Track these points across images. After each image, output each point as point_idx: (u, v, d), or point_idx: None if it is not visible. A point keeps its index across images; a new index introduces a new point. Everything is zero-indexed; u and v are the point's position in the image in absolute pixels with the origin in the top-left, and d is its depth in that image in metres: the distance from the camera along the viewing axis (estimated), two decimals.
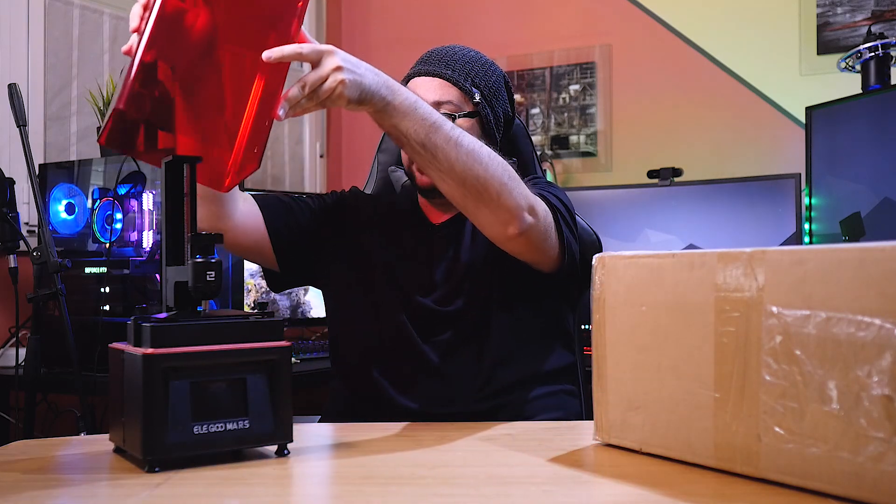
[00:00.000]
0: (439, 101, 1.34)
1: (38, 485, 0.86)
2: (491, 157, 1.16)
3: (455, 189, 1.16)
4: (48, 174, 2.23)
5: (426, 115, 1.12)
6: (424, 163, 1.15)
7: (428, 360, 1.30)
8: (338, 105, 1.05)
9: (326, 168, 3.57)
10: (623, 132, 3.15)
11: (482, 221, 1.21)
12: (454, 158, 1.13)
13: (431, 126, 1.12)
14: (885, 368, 0.68)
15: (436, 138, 1.12)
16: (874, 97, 2.37)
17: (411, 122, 1.11)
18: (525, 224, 1.19)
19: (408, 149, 1.14)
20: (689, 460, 0.86)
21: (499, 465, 0.93)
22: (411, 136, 1.12)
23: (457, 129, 1.15)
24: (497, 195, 1.16)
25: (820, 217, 2.49)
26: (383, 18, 3.60)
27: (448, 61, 1.36)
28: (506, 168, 1.18)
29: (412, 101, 1.11)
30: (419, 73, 1.37)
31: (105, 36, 2.62)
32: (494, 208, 1.17)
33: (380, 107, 1.09)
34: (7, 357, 2.16)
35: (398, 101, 1.10)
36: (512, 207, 1.17)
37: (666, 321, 0.88)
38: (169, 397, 0.87)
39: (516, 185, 1.18)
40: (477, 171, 1.14)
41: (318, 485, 0.88)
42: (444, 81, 1.35)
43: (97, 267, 2.08)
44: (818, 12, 2.84)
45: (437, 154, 1.13)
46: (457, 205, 1.21)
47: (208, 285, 0.92)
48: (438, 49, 1.40)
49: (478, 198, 1.16)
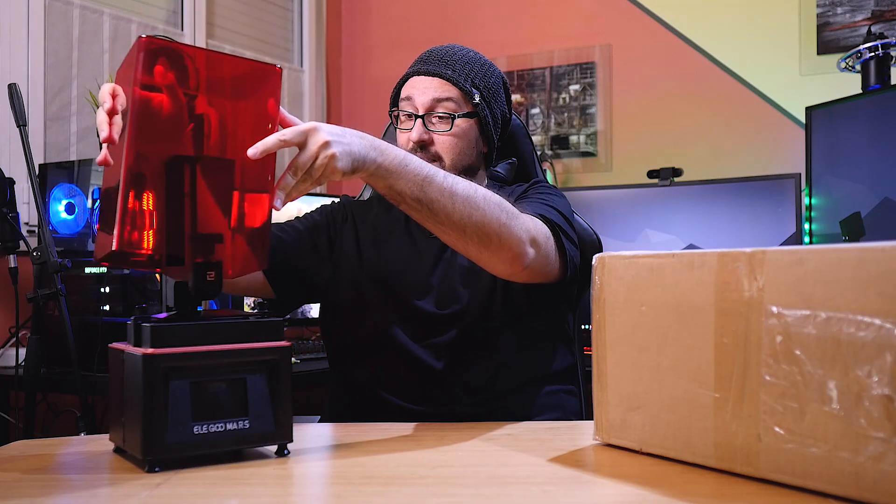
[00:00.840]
0: (438, 99, 1.34)
1: (38, 485, 0.86)
2: (487, 198, 1.14)
3: (456, 238, 1.15)
4: (48, 174, 2.23)
5: (417, 169, 1.09)
6: (423, 218, 1.13)
7: (427, 364, 1.29)
8: (333, 179, 1.02)
9: None
10: (623, 132, 3.15)
11: (485, 263, 1.20)
12: (451, 209, 1.11)
13: (424, 180, 1.09)
14: (885, 368, 0.68)
15: (430, 192, 1.10)
16: (874, 97, 2.37)
17: (405, 181, 1.08)
18: (528, 259, 1.18)
19: (405, 207, 1.12)
20: (689, 460, 0.86)
21: (499, 465, 0.93)
22: (406, 194, 1.09)
23: (449, 176, 1.13)
24: (497, 237, 1.14)
25: (820, 217, 2.49)
26: (383, 18, 3.60)
27: (448, 61, 1.36)
28: (502, 206, 1.16)
29: (401, 157, 1.09)
30: (418, 73, 1.37)
31: (105, 36, 2.62)
32: (496, 250, 1.16)
33: (372, 170, 1.06)
34: (7, 357, 2.16)
35: (388, 161, 1.07)
36: (514, 246, 1.16)
37: (666, 321, 0.88)
38: (169, 397, 0.87)
39: (514, 220, 1.16)
40: (475, 217, 1.12)
41: (318, 485, 0.88)
42: (443, 81, 1.35)
43: (97, 267, 2.08)
44: (818, 12, 2.84)
45: (433, 208, 1.10)
46: (459, 251, 1.19)
47: (208, 285, 0.92)
48: (438, 48, 1.40)
49: (479, 243, 1.14)
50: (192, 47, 0.96)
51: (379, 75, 3.58)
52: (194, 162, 0.93)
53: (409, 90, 1.37)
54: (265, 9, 3.36)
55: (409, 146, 1.34)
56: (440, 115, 1.34)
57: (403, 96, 1.37)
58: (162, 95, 0.91)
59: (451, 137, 1.35)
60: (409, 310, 1.32)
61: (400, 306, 1.32)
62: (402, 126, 1.38)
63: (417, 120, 1.34)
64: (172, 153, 0.92)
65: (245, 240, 0.97)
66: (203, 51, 0.95)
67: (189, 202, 0.92)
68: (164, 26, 2.87)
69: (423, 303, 1.32)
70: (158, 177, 0.91)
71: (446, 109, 1.34)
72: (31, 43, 2.37)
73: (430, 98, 1.34)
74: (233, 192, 0.96)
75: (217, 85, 0.95)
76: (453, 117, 1.35)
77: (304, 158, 0.99)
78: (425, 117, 1.34)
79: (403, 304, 1.32)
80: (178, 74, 0.91)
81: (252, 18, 3.29)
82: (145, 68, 0.89)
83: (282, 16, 3.45)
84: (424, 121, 1.34)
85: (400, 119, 1.38)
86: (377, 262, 1.36)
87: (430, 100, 1.34)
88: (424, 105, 1.34)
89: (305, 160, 0.99)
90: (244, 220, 0.97)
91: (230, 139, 0.96)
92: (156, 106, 0.90)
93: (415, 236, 1.39)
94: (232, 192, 0.96)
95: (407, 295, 1.33)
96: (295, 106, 3.44)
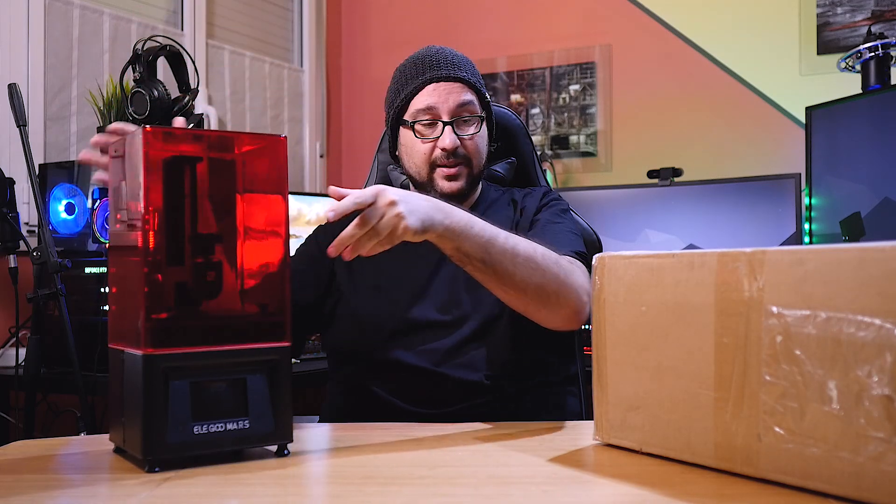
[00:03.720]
0: (463, 103, 1.34)
1: (38, 485, 0.86)
2: (545, 256, 1.15)
3: (517, 299, 1.16)
4: (48, 174, 2.23)
5: (481, 230, 1.11)
6: (486, 279, 1.14)
7: (429, 368, 1.28)
8: (404, 238, 1.04)
9: (326, 168, 3.57)
10: (623, 132, 3.15)
11: (543, 320, 1.20)
12: (512, 270, 1.12)
13: (488, 241, 1.11)
14: (885, 368, 0.68)
15: (494, 252, 1.11)
16: (874, 97, 2.37)
17: (470, 242, 1.10)
18: (585, 312, 1.19)
19: (470, 268, 1.13)
20: (689, 460, 0.86)
21: (499, 465, 0.93)
22: (472, 255, 1.10)
23: (511, 237, 1.14)
24: (556, 295, 1.15)
25: (820, 217, 2.49)
26: (383, 18, 3.60)
27: (457, 63, 1.36)
28: (559, 263, 1.17)
29: (466, 219, 1.10)
30: (438, 79, 1.34)
31: (105, 36, 2.62)
32: (555, 308, 1.17)
33: (440, 231, 1.07)
34: (7, 357, 2.16)
35: (455, 223, 1.09)
36: (571, 303, 1.17)
37: (666, 321, 0.88)
38: (169, 397, 0.87)
39: (570, 276, 1.17)
40: (535, 277, 1.13)
41: (318, 485, 0.88)
42: (462, 84, 1.35)
43: (97, 267, 2.08)
44: (818, 12, 2.84)
45: (496, 269, 1.12)
46: (517, 310, 1.20)
47: (208, 285, 0.92)
48: (433, 53, 1.38)
49: (539, 302, 1.16)
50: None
51: (379, 75, 3.58)
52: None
53: (428, 99, 1.34)
54: (265, 9, 3.36)
55: (439, 154, 1.33)
56: (466, 119, 1.34)
57: (422, 106, 1.34)
58: None
59: (478, 139, 1.36)
60: (409, 315, 1.31)
61: (400, 311, 1.32)
62: (424, 136, 1.35)
63: (446, 127, 1.33)
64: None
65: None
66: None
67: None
68: (164, 26, 2.87)
69: (425, 308, 1.31)
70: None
71: (470, 112, 1.34)
72: (31, 43, 2.37)
73: (456, 103, 1.33)
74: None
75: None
76: (482, 118, 1.36)
77: (371, 212, 1.01)
78: (454, 123, 1.33)
79: (403, 309, 1.32)
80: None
81: (252, 18, 3.29)
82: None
83: (282, 16, 3.45)
84: (453, 126, 1.33)
85: (417, 129, 1.35)
86: (376, 269, 1.35)
87: (456, 105, 1.33)
88: (451, 111, 1.33)
89: (373, 214, 1.01)
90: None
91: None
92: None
93: (416, 243, 1.38)
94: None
95: (407, 300, 1.32)
96: (295, 106, 3.44)
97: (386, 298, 1.33)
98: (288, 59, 3.47)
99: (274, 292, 0.95)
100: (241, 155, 0.95)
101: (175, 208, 0.91)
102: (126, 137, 0.94)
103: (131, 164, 0.91)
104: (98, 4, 2.61)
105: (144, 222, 0.88)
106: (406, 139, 1.38)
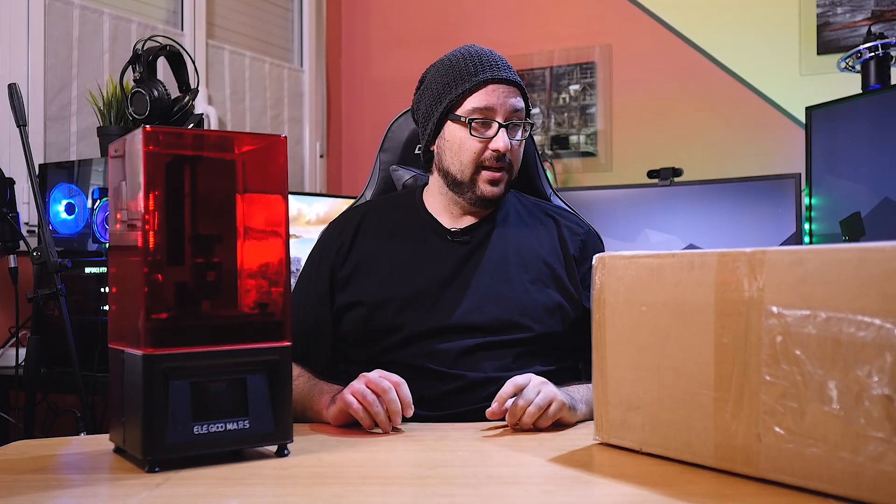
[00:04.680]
0: (516, 109, 1.33)
1: (38, 485, 0.86)
2: None
3: None
4: (48, 174, 2.23)
5: (588, 405, 1.18)
6: None
7: (432, 370, 1.27)
8: (558, 417, 1.11)
9: (326, 168, 3.57)
10: (623, 132, 3.15)
11: None
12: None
13: (585, 415, 1.18)
14: (885, 368, 0.68)
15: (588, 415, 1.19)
16: (874, 97, 2.37)
17: (583, 418, 1.18)
18: None
19: None
20: (689, 460, 0.86)
21: (499, 465, 0.93)
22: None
23: (586, 396, 1.20)
24: None
25: (820, 217, 2.49)
26: (383, 18, 3.60)
27: (511, 68, 1.36)
28: None
29: (588, 398, 1.18)
30: (498, 80, 1.32)
31: (105, 36, 2.62)
32: None
33: (580, 415, 1.16)
34: (7, 357, 2.16)
35: (581, 406, 1.17)
36: None
37: (666, 321, 0.88)
38: (169, 397, 0.87)
39: None
40: None
41: (318, 485, 0.88)
42: (516, 89, 1.34)
43: (97, 267, 2.08)
44: (818, 12, 2.84)
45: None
46: None
47: (208, 285, 0.92)
48: (490, 53, 1.36)
49: None
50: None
51: (379, 75, 3.58)
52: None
53: (487, 98, 1.31)
54: (265, 9, 3.36)
55: (489, 155, 1.32)
56: (516, 124, 1.33)
57: (480, 105, 1.31)
58: None
59: (521, 148, 1.36)
60: (421, 320, 1.29)
61: (411, 316, 1.30)
62: (479, 134, 1.32)
63: (501, 129, 1.31)
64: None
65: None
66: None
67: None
68: (164, 26, 2.87)
69: (435, 308, 1.30)
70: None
71: (519, 118, 1.33)
72: (31, 43, 2.37)
73: (513, 108, 1.32)
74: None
75: None
76: (532, 125, 1.37)
77: (528, 390, 1.10)
78: (507, 127, 1.32)
79: (414, 314, 1.30)
80: None
81: (252, 18, 3.29)
82: None
83: (282, 16, 3.45)
84: (507, 130, 1.32)
85: (473, 126, 1.32)
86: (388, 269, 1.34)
87: (511, 109, 1.32)
88: (506, 114, 1.32)
89: (530, 391, 1.10)
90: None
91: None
92: None
93: (431, 240, 1.37)
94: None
95: (420, 305, 1.30)
96: (295, 106, 3.44)
97: (397, 302, 1.32)
98: (288, 59, 3.47)
99: (274, 292, 0.95)
100: (241, 155, 0.95)
101: (175, 208, 0.91)
102: (126, 137, 0.94)
103: (131, 164, 0.91)
104: (98, 4, 2.61)
105: (144, 222, 0.88)
106: (454, 135, 1.34)
